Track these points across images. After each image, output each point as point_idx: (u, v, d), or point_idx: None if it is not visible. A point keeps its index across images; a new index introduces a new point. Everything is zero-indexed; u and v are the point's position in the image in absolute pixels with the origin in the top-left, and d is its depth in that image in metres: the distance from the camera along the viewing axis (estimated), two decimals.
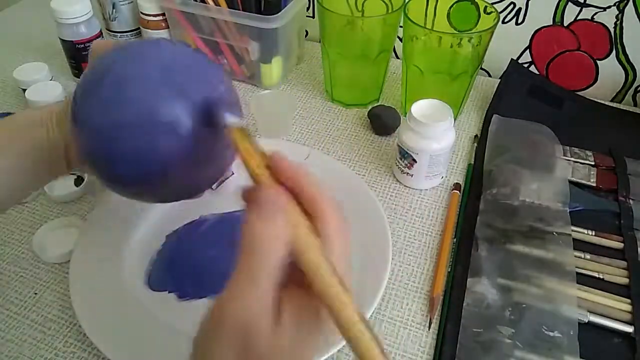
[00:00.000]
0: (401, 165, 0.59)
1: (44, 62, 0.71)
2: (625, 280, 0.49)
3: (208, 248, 0.51)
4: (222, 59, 0.76)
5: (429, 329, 0.47)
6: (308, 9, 0.85)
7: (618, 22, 0.69)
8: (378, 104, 0.70)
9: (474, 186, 0.59)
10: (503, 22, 0.75)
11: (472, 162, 0.63)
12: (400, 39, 0.67)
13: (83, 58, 0.72)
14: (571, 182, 0.59)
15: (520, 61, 0.78)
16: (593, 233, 0.54)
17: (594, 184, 0.59)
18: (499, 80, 0.74)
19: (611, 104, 0.73)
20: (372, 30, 0.65)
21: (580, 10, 0.70)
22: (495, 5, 0.73)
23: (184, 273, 0.49)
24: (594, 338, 0.45)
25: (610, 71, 0.74)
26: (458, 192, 0.59)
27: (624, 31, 0.70)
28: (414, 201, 0.59)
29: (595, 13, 0.70)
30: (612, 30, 0.70)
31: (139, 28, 0.81)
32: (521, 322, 0.45)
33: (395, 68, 0.78)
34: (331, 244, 0.26)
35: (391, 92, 0.75)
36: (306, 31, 0.87)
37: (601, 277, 0.50)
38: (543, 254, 0.51)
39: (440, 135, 0.55)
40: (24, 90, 0.66)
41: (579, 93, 0.75)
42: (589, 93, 0.76)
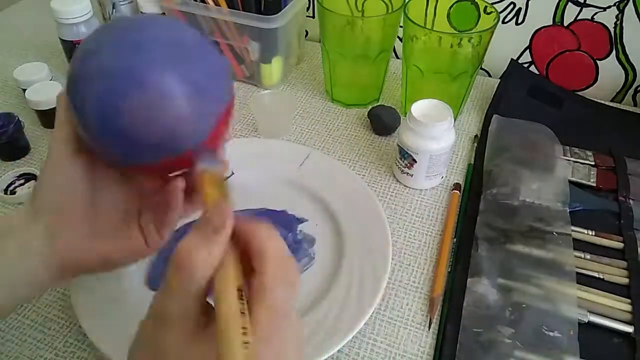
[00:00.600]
0: (401, 165, 0.59)
1: (44, 62, 0.71)
2: (625, 280, 0.49)
3: None
4: None
5: (429, 329, 0.47)
6: (308, 9, 0.85)
7: (618, 22, 0.69)
8: (378, 104, 0.70)
9: (474, 186, 0.60)
10: (503, 22, 0.75)
11: (472, 162, 0.63)
12: (400, 39, 0.67)
13: None
14: (571, 182, 0.59)
15: (520, 61, 0.78)
16: (593, 233, 0.54)
17: (594, 184, 0.59)
18: (499, 80, 0.74)
19: (611, 104, 0.73)
20: (372, 30, 0.65)
21: (580, 10, 0.70)
22: (495, 5, 0.73)
23: None
24: (594, 338, 0.45)
25: (610, 71, 0.74)
26: (458, 192, 0.59)
27: (624, 31, 0.70)
28: (414, 201, 0.59)
29: (595, 13, 0.70)
30: (612, 30, 0.70)
31: None
32: (521, 322, 0.45)
33: (395, 68, 0.78)
34: (269, 293, 0.26)
35: (391, 92, 0.75)
36: (306, 31, 0.87)
37: (601, 277, 0.50)
38: (543, 254, 0.51)
39: (440, 135, 0.55)
40: (24, 90, 0.66)
41: (579, 93, 0.75)
42: (589, 93, 0.76)
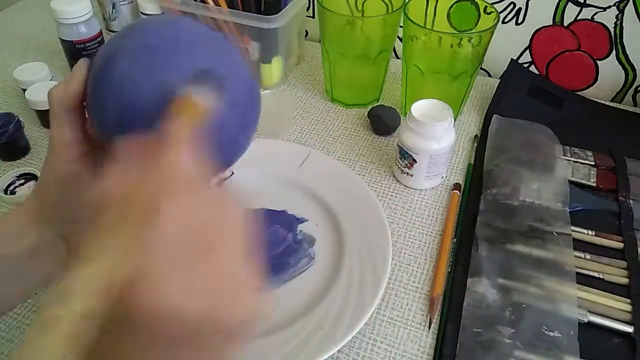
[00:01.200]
0: (401, 165, 0.59)
1: (44, 62, 0.71)
2: (625, 280, 0.49)
3: None
4: None
5: (429, 329, 0.47)
6: (308, 9, 0.85)
7: (618, 22, 0.69)
8: (378, 104, 0.70)
9: (474, 186, 0.60)
10: (503, 22, 0.75)
11: (472, 162, 0.63)
12: (400, 39, 0.67)
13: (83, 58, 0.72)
14: (571, 182, 0.59)
15: (520, 61, 0.78)
16: (593, 233, 0.54)
17: (594, 184, 0.59)
18: (499, 80, 0.74)
19: (611, 104, 0.73)
20: (372, 30, 0.65)
21: (580, 10, 0.70)
22: (495, 5, 0.73)
23: None
24: (594, 338, 0.45)
25: (610, 71, 0.74)
26: (458, 192, 0.59)
27: (624, 31, 0.70)
28: (414, 201, 0.59)
29: (595, 13, 0.70)
30: (612, 30, 0.70)
31: None
32: (521, 322, 0.45)
33: (395, 68, 0.78)
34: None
35: (391, 92, 0.75)
36: (306, 31, 0.87)
37: (601, 277, 0.50)
38: (543, 254, 0.51)
39: (440, 135, 0.55)
40: (24, 90, 0.66)
41: (579, 93, 0.75)
42: (589, 93, 0.76)
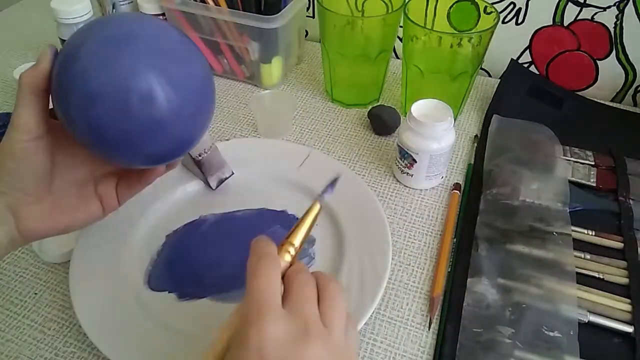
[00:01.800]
0: (401, 165, 0.59)
1: None
2: (625, 280, 0.49)
3: (208, 248, 0.51)
4: (222, 59, 0.76)
5: (429, 329, 0.47)
6: (308, 9, 0.85)
7: (618, 22, 0.69)
8: (378, 104, 0.70)
9: (474, 186, 0.60)
10: (503, 22, 0.75)
11: (472, 162, 0.63)
12: (400, 39, 0.67)
13: None
14: (571, 182, 0.59)
15: (520, 61, 0.78)
16: (593, 233, 0.54)
17: (594, 184, 0.59)
18: (499, 80, 0.74)
19: (611, 104, 0.73)
20: (372, 30, 0.65)
21: (580, 10, 0.70)
22: (495, 5, 0.73)
23: (184, 273, 0.49)
24: (594, 338, 0.45)
25: (610, 71, 0.74)
26: (458, 192, 0.59)
27: (624, 31, 0.70)
28: (414, 201, 0.59)
29: (595, 13, 0.70)
30: (612, 30, 0.70)
31: None
32: (521, 322, 0.45)
33: (395, 68, 0.78)
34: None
35: (391, 92, 0.75)
36: (306, 31, 0.87)
37: (601, 277, 0.50)
38: (543, 254, 0.51)
39: (440, 135, 0.55)
40: None
41: (579, 93, 0.75)
42: (589, 93, 0.76)
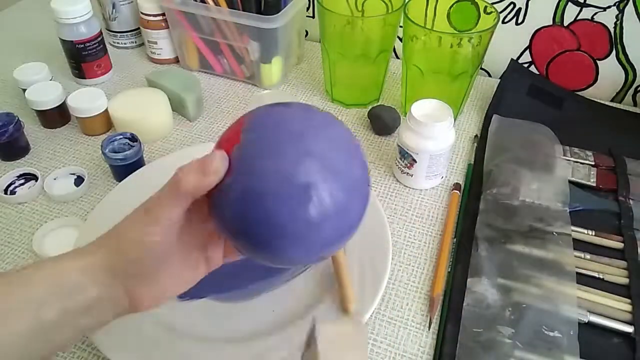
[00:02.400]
0: (401, 165, 0.59)
1: (44, 62, 0.71)
2: (625, 280, 0.49)
3: None
4: (222, 59, 0.76)
5: (429, 329, 0.47)
6: (308, 9, 0.85)
7: (618, 22, 0.69)
8: (378, 104, 0.70)
9: (474, 186, 0.60)
10: (503, 22, 0.75)
11: (472, 162, 0.63)
12: (400, 39, 0.67)
13: (83, 58, 0.72)
14: (571, 182, 0.59)
15: (520, 61, 0.78)
16: (593, 233, 0.54)
17: (594, 184, 0.59)
18: (499, 80, 0.74)
19: (611, 104, 0.73)
20: (372, 30, 0.65)
21: (580, 10, 0.70)
22: (495, 5, 0.73)
23: None
24: (594, 338, 0.45)
25: (610, 71, 0.74)
26: (458, 192, 0.59)
27: (624, 31, 0.70)
28: (414, 201, 0.59)
29: (595, 13, 0.70)
30: (612, 30, 0.70)
31: (139, 28, 0.81)
32: (521, 322, 0.45)
33: (395, 68, 0.78)
34: None
35: (391, 92, 0.75)
36: (306, 31, 0.87)
37: (601, 277, 0.50)
38: (543, 254, 0.51)
39: (440, 135, 0.55)
40: (24, 90, 0.66)
41: (579, 93, 0.75)
42: (589, 93, 0.76)
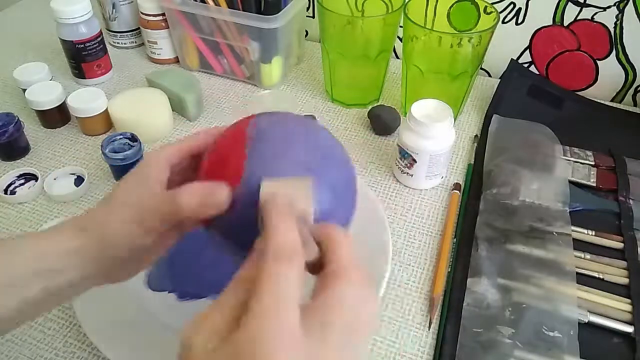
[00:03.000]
0: (401, 165, 0.59)
1: (44, 62, 0.71)
2: (625, 280, 0.49)
3: (208, 248, 0.51)
4: (222, 59, 0.76)
5: (429, 329, 0.47)
6: (308, 9, 0.85)
7: (618, 22, 0.69)
8: (378, 104, 0.70)
9: (474, 186, 0.60)
10: (503, 22, 0.75)
11: (472, 162, 0.63)
12: (400, 39, 0.67)
13: (83, 58, 0.72)
14: (571, 182, 0.59)
15: (520, 61, 0.78)
16: (593, 233, 0.54)
17: (594, 184, 0.59)
18: (499, 80, 0.74)
19: (611, 104, 0.73)
20: (372, 30, 0.65)
21: (580, 10, 0.70)
22: (495, 5, 0.73)
23: (184, 273, 0.49)
24: (594, 338, 0.45)
25: (610, 71, 0.74)
26: (458, 192, 0.59)
27: (624, 31, 0.70)
28: (414, 201, 0.59)
29: (595, 13, 0.70)
30: (612, 30, 0.70)
31: (139, 28, 0.81)
32: (521, 322, 0.45)
33: (395, 68, 0.78)
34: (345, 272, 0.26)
35: (391, 92, 0.75)
36: (306, 31, 0.87)
37: (601, 277, 0.50)
38: (543, 254, 0.51)
39: (440, 135, 0.55)
40: (24, 90, 0.66)
41: (579, 93, 0.75)
42: (589, 93, 0.76)
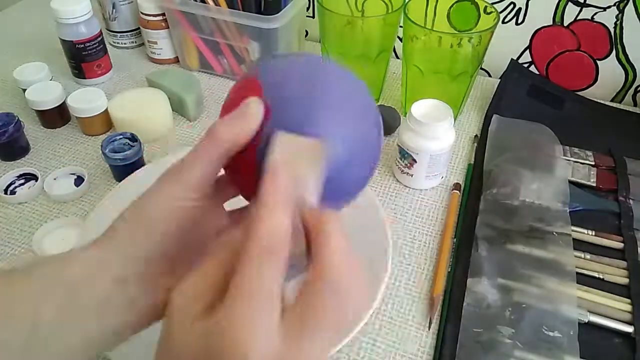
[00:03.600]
0: (401, 165, 0.59)
1: (44, 62, 0.71)
2: (625, 280, 0.49)
3: None
4: (222, 59, 0.76)
5: (429, 329, 0.47)
6: (308, 9, 0.85)
7: (618, 22, 0.69)
8: (378, 104, 0.70)
9: (474, 186, 0.59)
10: (503, 22, 0.75)
11: (472, 162, 0.63)
12: (400, 39, 0.67)
13: (83, 58, 0.72)
14: (571, 182, 0.59)
15: (520, 61, 0.78)
16: (593, 233, 0.54)
17: (594, 184, 0.59)
18: (499, 80, 0.74)
19: (611, 104, 0.73)
20: (372, 30, 0.65)
21: (580, 10, 0.70)
22: (495, 5, 0.73)
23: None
24: (594, 338, 0.45)
25: (610, 71, 0.74)
26: (458, 192, 0.59)
27: (624, 31, 0.70)
28: (414, 201, 0.59)
29: (595, 13, 0.70)
30: (612, 30, 0.70)
31: (139, 28, 0.81)
32: (521, 322, 0.45)
33: (395, 68, 0.78)
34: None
35: (391, 92, 0.75)
36: (306, 31, 0.87)
37: (601, 277, 0.50)
38: (543, 254, 0.51)
39: (440, 135, 0.55)
40: (24, 90, 0.66)
41: (579, 93, 0.75)
42: (589, 93, 0.76)
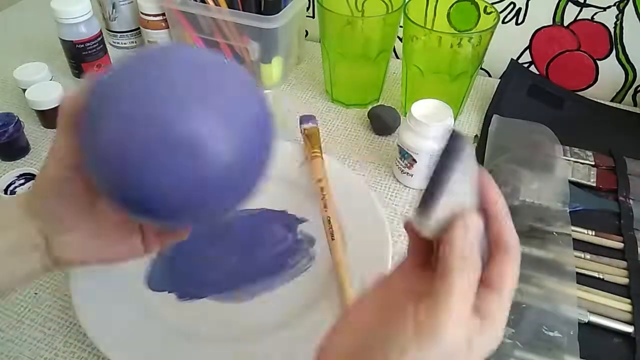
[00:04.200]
0: (401, 165, 0.59)
1: (44, 62, 0.71)
2: (625, 280, 0.49)
3: (208, 248, 0.51)
4: None
5: None
6: (308, 9, 0.85)
7: (618, 22, 0.69)
8: (378, 104, 0.70)
9: None
10: (503, 22, 0.75)
11: None
12: (400, 39, 0.67)
13: (83, 58, 0.72)
14: (571, 182, 0.59)
15: (520, 61, 0.78)
16: (593, 233, 0.54)
17: (594, 184, 0.59)
18: (499, 80, 0.74)
19: (611, 104, 0.73)
20: (372, 30, 0.65)
21: (580, 10, 0.70)
22: (495, 5, 0.73)
23: (184, 273, 0.49)
24: (594, 338, 0.45)
25: (610, 71, 0.74)
26: None
27: (624, 31, 0.70)
28: (414, 201, 0.59)
29: (595, 13, 0.70)
30: (612, 30, 0.70)
31: (139, 28, 0.81)
32: (521, 322, 0.45)
33: (395, 68, 0.78)
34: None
35: (391, 92, 0.75)
36: (306, 31, 0.87)
37: (601, 277, 0.50)
38: (543, 254, 0.51)
39: (440, 135, 0.55)
40: (24, 90, 0.66)
41: (579, 93, 0.75)
42: (589, 93, 0.76)
